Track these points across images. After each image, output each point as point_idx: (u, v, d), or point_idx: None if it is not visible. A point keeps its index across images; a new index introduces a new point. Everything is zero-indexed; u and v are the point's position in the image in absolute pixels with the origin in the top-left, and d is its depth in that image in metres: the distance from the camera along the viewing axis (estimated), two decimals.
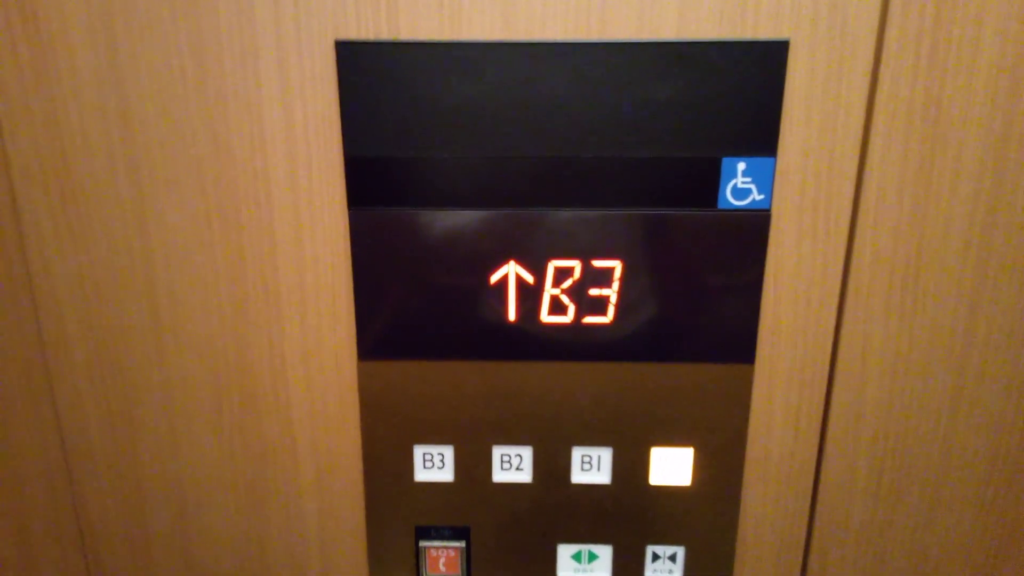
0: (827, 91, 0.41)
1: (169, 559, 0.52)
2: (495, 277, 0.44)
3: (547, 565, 0.51)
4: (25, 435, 0.49)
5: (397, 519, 0.50)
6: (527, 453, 0.49)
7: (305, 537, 0.51)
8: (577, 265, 0.44)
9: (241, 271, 0.45)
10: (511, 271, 0.44)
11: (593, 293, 0.44)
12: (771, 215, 0.43)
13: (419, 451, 0.49)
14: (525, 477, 0.49)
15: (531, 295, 0.45)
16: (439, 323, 0.45)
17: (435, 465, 0.49)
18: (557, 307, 0.45)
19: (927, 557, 0.51)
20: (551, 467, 0.49)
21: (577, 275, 0.44)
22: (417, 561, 0.51)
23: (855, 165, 0.42)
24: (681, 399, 0.47)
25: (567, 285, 0.44)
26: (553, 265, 0.44)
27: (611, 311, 0.45)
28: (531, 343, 0.46)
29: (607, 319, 0.45)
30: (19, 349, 0.47)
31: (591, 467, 0.49)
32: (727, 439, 0.48)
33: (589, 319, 0.45)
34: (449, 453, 0.49)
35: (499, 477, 0.49)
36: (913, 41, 0.40)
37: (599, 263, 0.44)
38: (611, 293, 0.44)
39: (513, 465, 0.49)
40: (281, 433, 0.49)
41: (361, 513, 0.50)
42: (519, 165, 0.42)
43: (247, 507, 0.51)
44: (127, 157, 0.43)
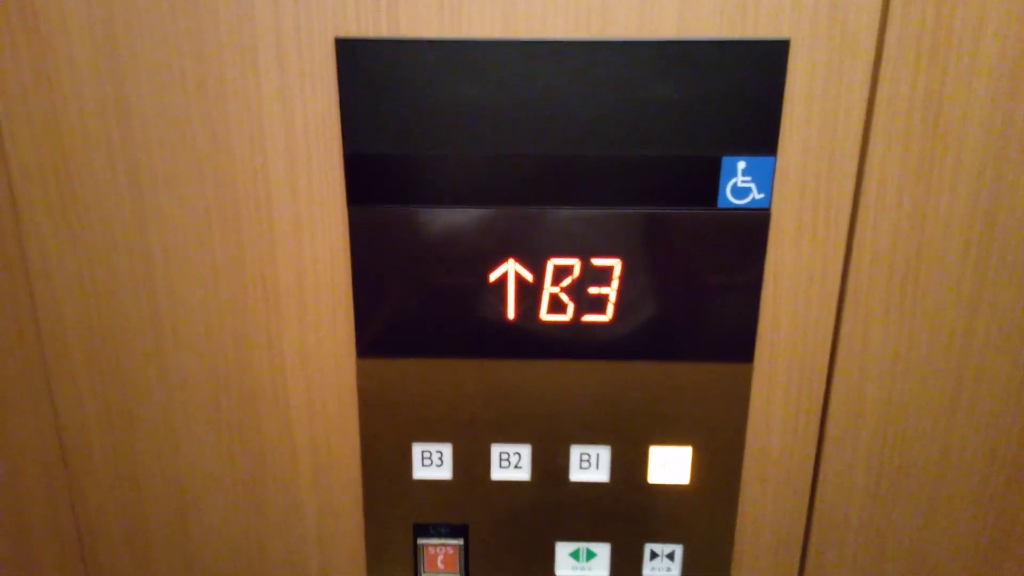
0: (827, 90, 0.41)
1: (168, 557, 0.52)
2: (494, 275, 0.44)
3: (545, 563, 0.51)
4: (24, 433, 0.49)
5: (396, 517, 0.50)
6: (526, 451, 0.49)
7: (304, 535, 0.51)
8: (576, 263, 0.44)
9: (240, 269, 0.45)
10: (510, 269, 0.44)
11: (592, 291, 0.44)
12: (771, 214, 0.43)
13: (418, 449, 0.49)
14: (524, 475, 0.49)
15: (530, 293, 0.45)
16: (438, 321, 0.45)
17: (434, 463, 0.49)
18: (556, 305, 0.45)
19: (925, 556, 0.51)
20: (550, 465, 0.49)
21: (576, 273, 0.44)
22: (415, 558, 0.51)
23: (855, 164, 0.42)
24: (680, 398, 0.47)
25: (566, 283, 0.44)
26: (552, 263, 0.44)
27: (610, 310, 0.45)
28: (530, 341, 0.46)
29: (606, 318, 0.45)
30: (18, 347, 0.47)
31: (590, 465, 0.49)
32: (726, 438, 0.48)
33: (588, 317, 0.45)
34: (448, 451, 0.49)
35: (498, 475, 0.49)
36: (913, 41, 0.40)
37: (598, 261, 0.44)
38: (610, 292, 0.44)
39: (512, 463, 0.49)
40: (280, 431, 0.49)
41: (360, 510, 0.50)
42: (519, 163, 0.42)
43: (246, 504, 0.51)
44: (126, 155, 0.43)
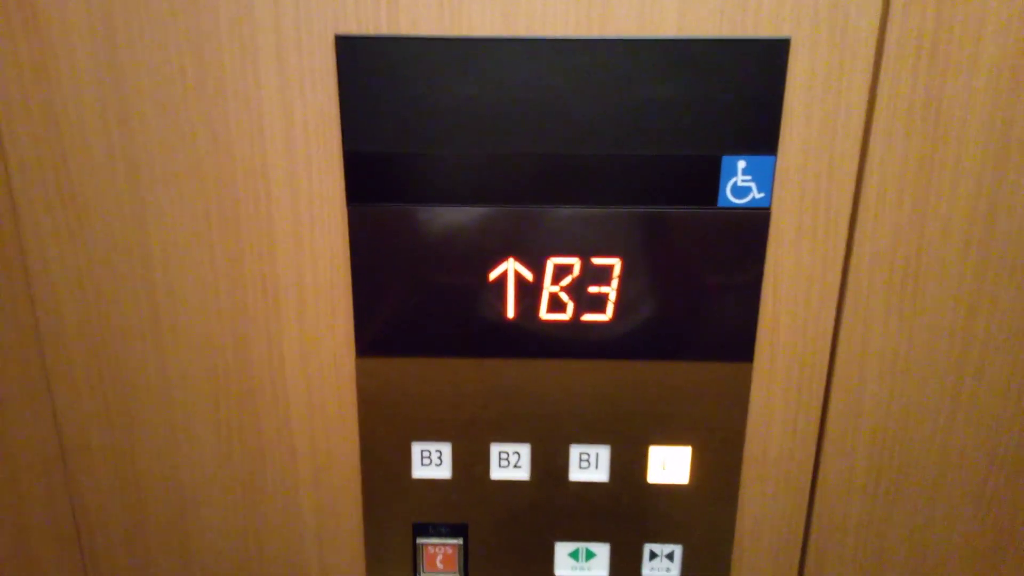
0: (828, 89, 0.41)
1: (167, 556, 0.52)
2: (494, 274, 0.44)
3: (545, 563, 0.51)
4: (23, 432, 0.49)
5: (395, 516, 0.50)
6: (525, 451, 0.49)
7: (303, 534, 0.51)
8: (576, 262, 0.44)
9: (240, 268, 0.45)
10: (510, 268, 0.44)
11: (592, 291, 0.44)
12: (771, 214, 0.43)
13: (417, 448, 0.49)
14: (523, 475, 0.49)
15: (530, 292, 0.45)
16: (438, 320, 0.45)
17: (433, 462, 0.49)
18: (556, 304, 0.45)
19: (925, 556, 0.51)
20: (549, 465, 0.49)
21: (576, 272, 0.44)
22: (414, 558, 0.51)
23: (855, 164, 0.42)
24: (679, 397, 0.47)
25: (566, 282, 0.44)
26: (552, 262, 0.44)
27: (610, 309, 0.45)
28: (530, 340, 0.46)
29: (606, 317, 0.45)
30: (17, 346, 0.47)
31: (589, 465, 0.49)
32: (725, 438, 0.48)
33: (588, 317, 0.45)
34: (447, 450, 0.49)
35: (497, 474, 0.49)
36: (914, 40, 0.40)
37: (598, 260, 0.44)
38: (610, 291, 0.44)
39: (511, 463, 0.49)
40: (279, 430, 0.48)
41: (359, 510, 0.50)
42: (519, 162, 0.42)
43: (245, 503, 0.50)
44: (126, 154, 0.43)
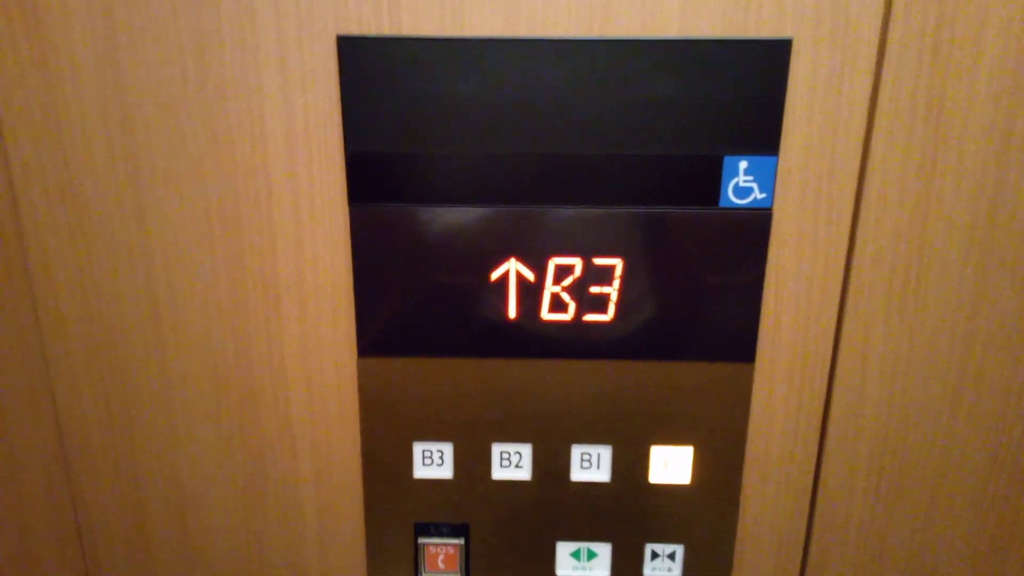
0: (829, 90, 0.41)
1: (168, 555, 0.52)
2: (496, 274, 0.44)
3: (546, 563, 0.51)
4: (24, 431, 0.49)
5: (396, 516, 0.50)
6: (527, 451, 0.49)
7: (304, 534, 0.51)
8: (578, 263, 0.44)
9: (241, 267, 0.45)
10: (512, 268, 0.44)
11: (594, 291, 0.44)
12: (773, 214, 0.43)
13: (418, 448, 0.49)
14: (524, 475, 0.49)
15: (532, 292, 0.45)
16: (439, 320, 0.45)
17: (434, 462, 0.49)
18: (558, 305, 0.45)
19: (926, 556, 0.51)
20: (550, 465, 0.49)
21: (578, 273, 0.44)
22: (416, 558, 0.51)
23: (857, 164, 0.42)
24: (681, 397, 0.47)
25: (568, 283, 0.44)
26: (554, 262, 0.44)
27: (612, 309, 0.45)
28: (531, 341, 0.46)
29: (607, 317, 0.45)
30: (18, 345, 0.47)
31: (591, 465, 0.49)
32: (727, 438, 0.48)
33: (589, 317, 0.45)
34: (448, 450, 0.49)
35: (498, 474, 0.49)
36: (916, 40, 0.40)
37: (600, 261, 0.44)
38: (612, 291, 0.44)
39: (512, 462, 0.49)
40: (280, 429, 0.48)
41: (360, 510, 0.50)
42: (520, 162, 0.42)
43: (246, 503, 0.50)
44: (127, 153, 0.43)
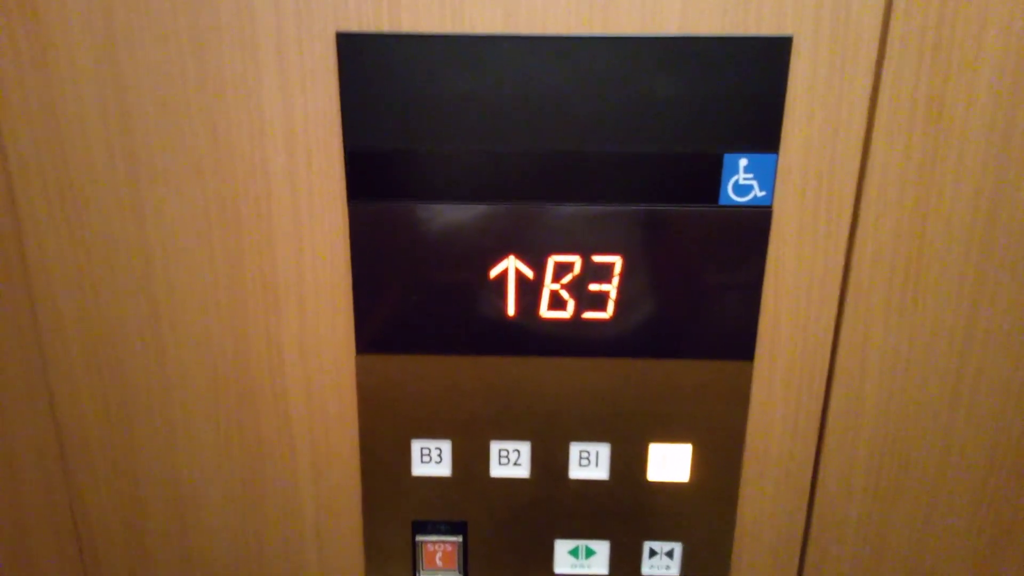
0: (830, 88, 0.41)
1: (166, 553, 0.52)
2: (495, 272, 0.44)
3: (544, 560, 0.51)
4: (22, 429, 0.49)
5: (394, 513, 0.50)
6: (525, 448, 0.48)
7: (302, 531, 0.51)
8: (577, 260, 0.44)
9: (239, 265, 0.45)
10: (511, 266, 0.44)
11: (593, 288, 0.44)
12: (772, 212, 0.43)
13: (417, 445, 0.49)
14: (523, 472, 0.49)
15: (531, 290, 0.44)
16: (438, 317, 0.45)
17: (433, 460, 0.49)
18: (557, 302, 0.45)
19: (924, 555, 0.51)
20: (549, 462, 0.49)
21: (577, 270, 0.44)
22: (414, 555, 0.51)
23: (857, 162, 0.42)
24: (680, 395, 0.47)
25: (567, 280, 0.44)
26: (553, 260, 0.44)
27: (611, 307, 0.45)
28: (530, 338, 0.46)
29: (607, 315, 0.45)
30: (16, 343, 0.47)
31: (589, 463, 0.49)
32: (725, 436, 0.48)
33: (589, 315, 0.45)
34: (447, 448, 0.49)
35: (497, 472, 0.49)
36: (916, 38, 0.40)
37: (599, 258, 0.44)
38: (611, 289, 0.44)
39: (511, 460, 0.49)
40: (279, 427, 0.48)
41: (358, 507, 0.50)
42: (520, 159, 0.42)
43: (244, 501, 0.50)
44: (125, 150, 0.43)
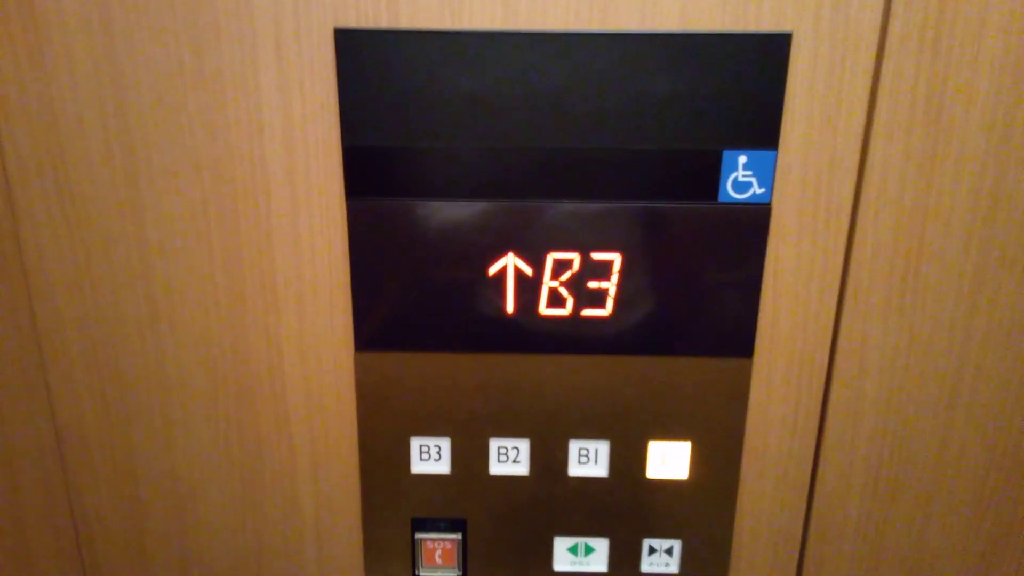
0: (829, 85, 0.41)
1: (165, 551, 0.52)
2: (494, 269, 0.44)
3: (543, 558, 0.51)
4: (20, 428, 0.49)
5: (393, 511, 0.50)
6: (524, 446, 0.48)
7: (301, 529, 0.51)
8: (576, 257, 0.44)
9: (238, 261, 0.45)
10: (510, 263, 0.44)
11: (592, 286, 0.44)
12: (772, 209, 0.43)
13: (416, 443, 0.49)
14: (522, 470, 0.49)
15: (530, 287, 0.44)
16: (437, 315, 0.45)
17: (432, 457, 0.49)
18: (556, 300, 0.45)
19: (924, 553, 0.51)
20: (548, 460, 0.49)
21: (576, 267, 0.44)
22: (413, 553, 0.51)
23: (856, 159, 0.42)
24: (679, 393, 0.47)
25: (566, 277, 0.44)
26: (552, 257, 0.44)
27: (610, 304, 0.45)
28: (529, 336, 0.46)
29: (606, 312, 0.45)
30: (14, 341, 0.47)
31: (588, 460, 0.49)
32: (725, 433, 0.48)
33: (588, 312, 0.45)
34: (446, 445, 0.49)
35: (496, 470, 0.49)
36: (916, 35, 0.40)
37: (598, 256, 0.44)
38: (610, 286, 0.44)
39: (510, 458, 0.49)
40: (277, 425, 0.48)
41: (357, 505, 0.50)
42: (519, 156, 0.42)
43: (243, 499, 0.50)
44: (123, 146, 0.43)
